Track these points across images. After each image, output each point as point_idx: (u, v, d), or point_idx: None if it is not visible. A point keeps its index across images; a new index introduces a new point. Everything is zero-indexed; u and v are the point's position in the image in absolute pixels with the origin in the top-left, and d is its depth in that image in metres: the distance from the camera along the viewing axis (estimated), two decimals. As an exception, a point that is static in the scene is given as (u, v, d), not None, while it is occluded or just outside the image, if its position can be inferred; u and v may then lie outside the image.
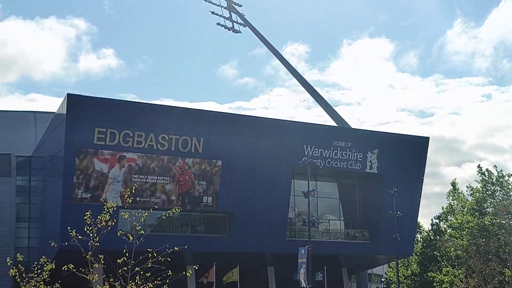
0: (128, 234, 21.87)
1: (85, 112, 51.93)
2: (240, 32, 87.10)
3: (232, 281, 56.53)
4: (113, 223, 21.32)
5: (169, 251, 21.81)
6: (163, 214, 38.74)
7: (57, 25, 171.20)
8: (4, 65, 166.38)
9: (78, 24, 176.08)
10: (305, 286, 52.41)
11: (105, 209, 21.56)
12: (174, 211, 24.05)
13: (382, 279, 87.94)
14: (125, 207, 22.98)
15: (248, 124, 59.10)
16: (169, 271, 22.29)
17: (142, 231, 21.79)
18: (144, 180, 54.17)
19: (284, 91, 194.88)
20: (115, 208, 22.13)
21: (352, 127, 74.07)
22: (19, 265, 25.81)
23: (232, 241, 58.13)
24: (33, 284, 25.86)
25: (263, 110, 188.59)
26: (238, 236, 58.02)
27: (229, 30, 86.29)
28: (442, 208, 78.08)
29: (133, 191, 24.80)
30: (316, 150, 61.07)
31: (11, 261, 26.67)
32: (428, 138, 67.86)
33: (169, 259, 21.74)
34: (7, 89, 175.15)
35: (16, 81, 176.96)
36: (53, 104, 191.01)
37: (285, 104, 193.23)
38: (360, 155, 63.52)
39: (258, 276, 62.37)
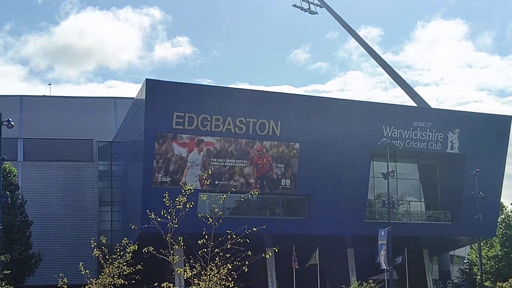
0: (207, 216, 21.98)
1: (164, 97, 52.50)
2: (316, 13, 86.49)
3: (312, 264, 56.50)
4: (191, 205, 21.45)
5: (247, 232, 21.83)
6: (242, 196, 38.99)
7: (133, 14, 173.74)
8: (82, 55, 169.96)
9: (153, 14, 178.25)
10: (385, 268, 52.04)
11: (183, 191, 21.69)
12: (252, 193, 24.03)
13: (465, 261, 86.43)
14: (204, 189, 23.10)
15: (325, 106, 58.74)
16: (249, 252, 22.32)
17: (220, 213, 21.87)
18: (223, 163, 54.51)
19: (358, 74, 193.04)
20: (193, 191, 22.25)
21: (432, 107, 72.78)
22: (103, 247, 26.34)
23: (311, 223, 58.02)
24: (116, 265, 26.35)
25: (339, 92, 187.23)
26: (317, 218, 57.85)
27: (305, 11, 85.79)
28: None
29: (210, 172, 24.89)
30: (395, 131, 60.29)
31: (95, 243, 27.23)
32: (510, 117, 66.07)
33: (248, 240, 21.76)
34: (86, 78, 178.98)
35: (94, 70, 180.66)
36: (131, 90, 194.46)
37: (361, 86, 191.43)
38: (440, 135, 62.38)
39: (337, 258, 62.11)
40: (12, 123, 44.74)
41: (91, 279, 26.73)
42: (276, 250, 27.12)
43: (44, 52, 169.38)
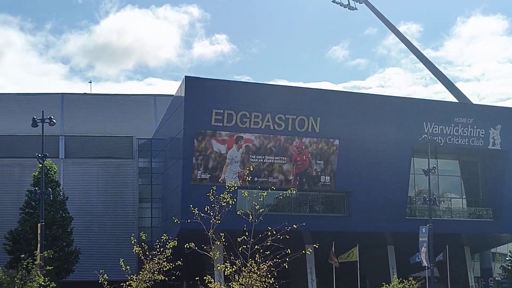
0: (248, 212, 21.96)
1: (203, 94, 52.61)
2: (356, 9, 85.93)
3: (352, 260, 56.20)
4: (233, 202, 21.46)
5: (287, 229, 21.76)
6: (281, 194, 38.89)
7: (172, 13, 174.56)
8: (122, 53, 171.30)
9: (191, 11, 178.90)
10: (426, 265, 51.57)
11: (226, 188, 21.72)
12: (290, 191, 23.92)
13: (507, 258, 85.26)
14: (243, 185, 23.03)
15: (365, 102, 58.35)
16: (289, 249, 22.25)
17: (261, 209, 21.83)
18: (262, 160, 54.45)
19: (398, 70, 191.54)
20: (235, 188, 22.24)
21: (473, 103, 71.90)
22: (143, 244, 26.46)
23: (351, 220, 57.71)
24: (156, 261, 26.48)
25: (379, 88, 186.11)
26: (357, 215, 57.53)
27: (344, 7, 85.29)
28: None
29: (252, 169, 24.90)
30: (436, 127, 59.65)
31: (135, 240, 27.37)
32: (553, 112, 64.91)
33: (288, 237, 21.69)
34: (125, 76, 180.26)
35: (133, 68, 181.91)
36: (170, 87, 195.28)
37: (401, 82, 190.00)
38: (482, 131, 61.56)
39: (377, 255, 61.72)
40: (54, 120, 45.30)
41: (132, 275, 26.88)
42: (317, 247, 27.00)
43: (84, 50, 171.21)
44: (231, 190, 21.69)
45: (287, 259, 21.69)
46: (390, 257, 61.25)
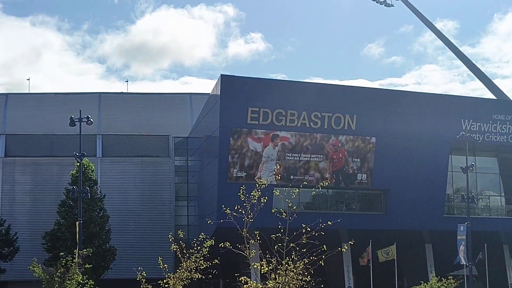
0: (281, 211, 21.90)
1: (239, 92, 52.66)
2: (392, 5, 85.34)
3: (390, 259, 55.81)
4: (265, 200, 21.41)
5: (322, 226, 21.68)
6: (313, 189, 38.82)
7: (207, 12, 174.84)
8: (157, 53, 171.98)
9: (226, 11, 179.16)
10: (464, 263, 51.04)
11: (258, 186, 21.66)
12: (323, 183, 23.82)
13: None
14: (278, 184, 23.02)
15: (401, 100, 57.93)
16: (324, 247, 22.15)
17: (295, 207, 21.76)
18: (298, 158, 54.34)
19: (434, 67, 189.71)
20: (267, 185, 22.18)
21: (512, 99, 70.90)
22: (180, 242, 26.54)
23: (388, 218, 57.34)
24: (193, 260, 26.54)
25: (416, 86, 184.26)
26: (394, 213, 57.14)
27: (381, 4, 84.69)
28: None
29: (278, 167, 24.87)
30: (474, 124, 59.00)
31: (172, 238, 27.47)
32: None
33: (323, 233, 21.61)
34: (161, 75, 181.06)
35: (169, 68, 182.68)
36: (205, 86, 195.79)
37: (438, 79, 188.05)
38: (521, 128, 60.74)
39: (415, 253, 61.22)
40: (91, 120, 45.69)
41: (169, 274, 26.99)
42: (352, 243, 26.86)
43: (121, 50, 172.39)
44: (262, 188, 21.61)
45: (323, 257, 21.60)
46: (428, 256, 60.69)
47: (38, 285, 38.38)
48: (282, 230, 21.11)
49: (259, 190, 21.54)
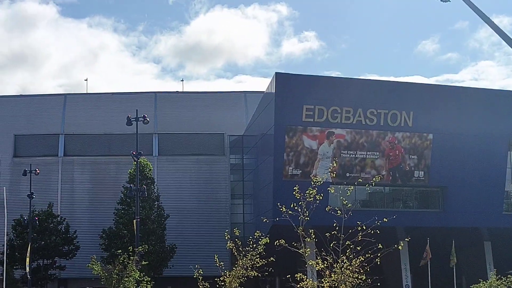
0: (336, 209, 21.78)
1: (294, 90, 52.57)
2: (449, 1, 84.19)
3: (452, 259, 55.06)
4: (321, 197, 21.31)
5: (378, 223, 21.49)
6: (367, 186, 38.54)
7: (260, 11, 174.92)
8: (211, 53, 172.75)
9: (280, 10, 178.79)
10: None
11: (312, 184, 21.57)
12: (375, 180, 23.57)
13: None
14: (334, 182, 22.89)
15: (459, 96, 57.10)
16: (380, 245, 21.95)
17: (349, 205, 21.60)
18: (353, 155, 54.04)
19: (491, 63, 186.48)
20: (322, 183, 22.07)
21: None
22: (236, 240, 26.61)
23: (445, 216, 56.61)
24: (249, 257, 26.57)
25: (472, 82, 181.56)
26: (452, 210, 56.38)
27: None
28: None
29: (335, 165, 24.73)
30: (533, 120, 57.84)
31: (228, 236, 27.57)
32: None
33: (379, 232, 21.41)
34: (215, 74, 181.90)
35: (223, 67, 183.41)
36: (259, 84, 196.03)
37: (495, 75, 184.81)
38: None
39: (474, 251, 60.33)
40: (148, 119, 46.16)
41: (225, 271, 27.08)
42: (408, 240, 26.58)
43: (175, 50, 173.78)
44: (317, 186, 21.52)
45: (379, 255, 21.41)
46: (487, 253, 59.75)
47: (96, 282, 38.95)
48: (337, 228, 20.99)
49: (315, 188, 21.45)
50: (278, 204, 22.79)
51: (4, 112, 70.65)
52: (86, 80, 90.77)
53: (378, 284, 24.60)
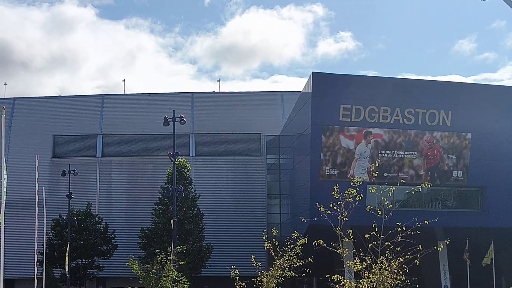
0: (377, 209, 21.57)
1: (330, 89, 52.36)
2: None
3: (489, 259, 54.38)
4: (360, 198, 21.13)
5: (418, 225, 21.25)
6: (412, 189, 38.15)
7: (296, 12, 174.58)
8: (247, 53, 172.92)
9: (316, 10, 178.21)
10: None
11: (351, 184, 21.40)
12: (423, 186, 23.30)
13: None
14: (372, 181, 22.68)
15: (498, 95, 56.39)
16: (420, 246, 21.72)
17: (390, 206, 21.38)
18: (391, 155, 53.64)
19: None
20: (361, 183, 21.89)
21: None
22: (273, 240, 26.54)
23: (485, 216, 55.94)
24: (286, 257, 26.49)
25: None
26: (491, 210, 55.70)
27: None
28: None
29: (377, 165, 24.48)
30: None
31: (266, 235, 27.53)
32: None
33: (418, 232, 21.17)
34: (251, 74, 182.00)
35: (258, 68, 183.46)
36: (295, 84, 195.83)
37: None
38: None
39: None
40: (185, 119, 46.23)
41: (262, 271, 27.02)
42: (447, 243, 26.25)
43: (211, 52, 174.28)
44: (356, 186, 21.34)
45: (419, 256, 21.17)
46: (528, 254, 58.91)
47: (134, 282, 39.22)
48: (376, 229, 20.79)
49: (355, 188, 21.28)
50: (317, 204, 22.65)
51: (44, 113, 71.53)
52: (124, 81, 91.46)
53: (417, 285, 24.33)
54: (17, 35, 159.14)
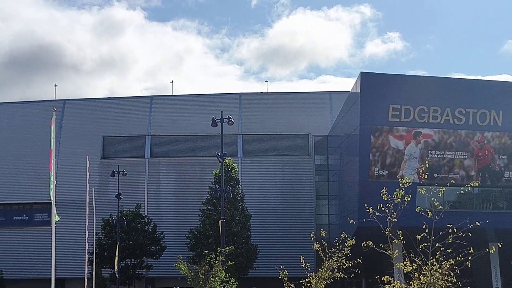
0: (427, 210, 21.26)
1: (379, 89, 51.93)
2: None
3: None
4: (408, 199, 20.84)
5: (470, 226, 20.88)
6: (462, 189, 37.61)
7: (343, 13, 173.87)
8: (294, 55, 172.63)
9: (363, 11, 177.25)
10: None
11: (400, 185, 21.13)
12: (471, 185, 22.91)
13: None
14: (421, 182, 22.36)
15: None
16: (471, 248, 21.35)
17: (441, 207, 21.04)
18: (441, 156, 52.98)
19: None
20: (411, 184, 21.59)
21: None
22: (322, 241, 26.37)
23: (537, 217, 54.86)
24: (335, 259, 26.31)
25: None
26: (544, 212, 54.61)
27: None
28: None
29: (427, 166, 24.10)
30: None
31: (314, 236, 27.34)
32: None
33: (470, 234, 20.80)
34: (297, 75, 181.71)
35: (305, 69, 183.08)
36: (343, 85, 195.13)
37: None
38: None
39: None
40: (232, 120, 46.21)
41: (311, 273, 26.86)
42: (500, 246, 25.76)
43: (258, 53, 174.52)
44: (405, 187, 21.06)
45: (470, 258, 20.81)
46: None
47: (183, 282, 39.34)
48: (427, 230, 20.50)
49: (404, 189, 21.02)
50: (365, 205, 22.42)
51: (93, 115, 72.34)
52: (172, 82, 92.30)
53: (468, 287, 23.96)
54: (68, 38, 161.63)
